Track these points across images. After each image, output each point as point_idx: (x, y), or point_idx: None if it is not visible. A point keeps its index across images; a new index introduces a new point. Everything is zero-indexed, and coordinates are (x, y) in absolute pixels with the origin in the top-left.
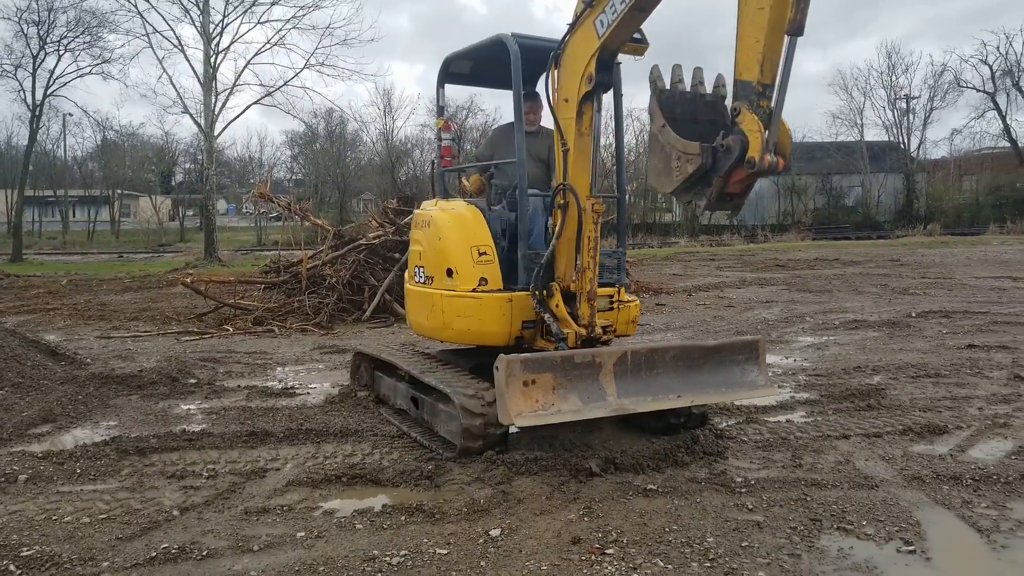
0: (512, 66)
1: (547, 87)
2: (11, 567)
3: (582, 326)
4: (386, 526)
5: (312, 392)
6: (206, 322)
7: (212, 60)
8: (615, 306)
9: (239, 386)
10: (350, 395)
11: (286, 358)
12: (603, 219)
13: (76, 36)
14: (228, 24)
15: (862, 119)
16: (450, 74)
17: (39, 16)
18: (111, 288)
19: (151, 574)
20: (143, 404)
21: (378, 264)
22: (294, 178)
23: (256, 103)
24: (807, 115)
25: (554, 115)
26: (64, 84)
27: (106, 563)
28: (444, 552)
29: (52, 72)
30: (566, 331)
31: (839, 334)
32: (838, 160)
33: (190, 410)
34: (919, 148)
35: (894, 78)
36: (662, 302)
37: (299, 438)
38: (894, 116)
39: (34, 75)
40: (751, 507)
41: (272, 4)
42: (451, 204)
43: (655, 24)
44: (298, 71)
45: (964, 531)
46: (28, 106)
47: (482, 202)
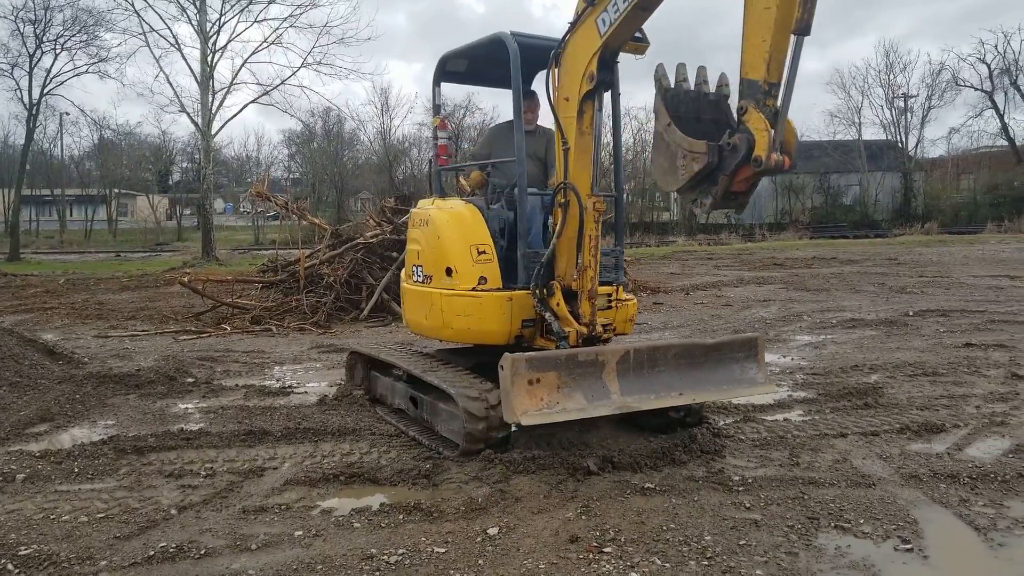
0: (512, 65)
1: (547, 86)
2: (9, 566)
3: (583, 325)
4: (384, 525)
5: (310, 391)
6: (204, 321)
7: (209, 59)
8: (613, 305)
9: (237, 385)
10: (347, 394)
11: (284, 357)
12: (602, 218)
13: (73, 35)
14: (225, 23)
15: (860, 118)
16: (446, 73)
17: (35, 15)
18: (108, 287)
19: (149, 573)
20: (141, 403)
21: (376, 263)
22: (291, 177)
23: (253, 102)
24: (805, 114)
25: (555, 114)
26: (61, 83)
27: (104, 562)
28: (442, 551)
29: (49, 71)
30: (567, 330)
31: (837, 333)
32: (836, 159)
33: (188, 409)
34: (917, 147)
35: (892, 77)
36: (660, 301)
37: (297, 437)
38: (892, 115)
39: (31, 74)
40: (749, 505)
41: (269, 3)
42: (449, 203)
43: (654, 22)
44: (295, 70)
45: (961, 529)
46: (25, 105)
47: (480, 201)
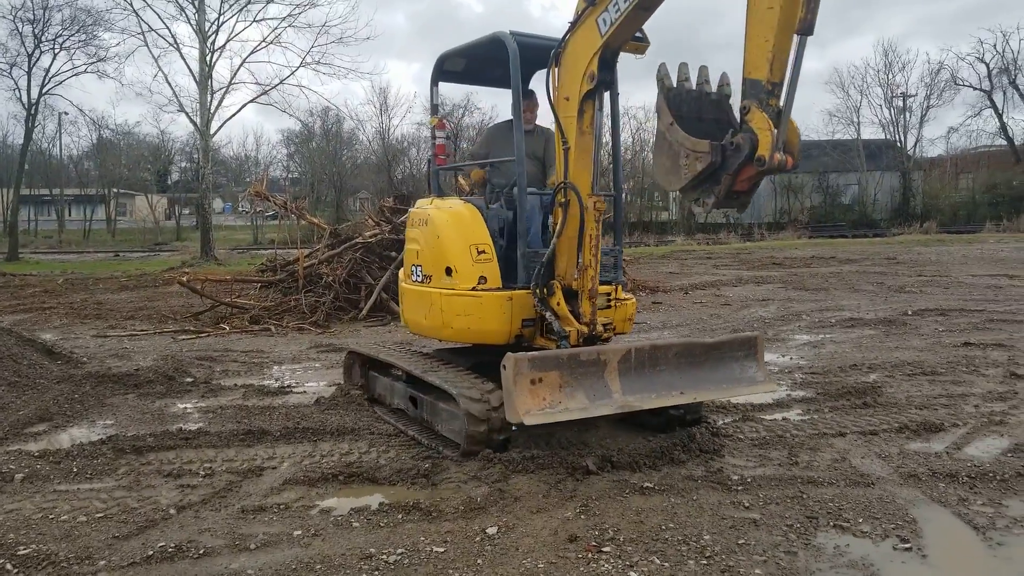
0: (511, 65)
1: (548, 85)
2: (8, 566)
3: (584, 324)
4: (383, 524)
5: (309, 391)
6: (202, 321)
7: (208, 58)
8: (612, 304)
9: (236, 385)
10: (345, 393)
11: (283, 357)
12: (602, 217)
13: (71, 34)
14: (224, 22)
15: (859, 117)
16: (444, 72)
17: (34, 14)
18: (107, 287)
19: (148, 573)
20: (139, 403)
21: (374, 263)
22: (290, 176)
23: (252, 101)
24: (804, 113)
25: (555, 113)
26: (59, 83)
27: (103, 562)
28: (441, 550)
29: (47, 71)
30: (568, 329)
31: (835, 332)
32: (835, 158)
33: (187, 409)
34: (915, 146)
35: (891, 76)
36: (659, 300)
37: (296, 437)
38: (891, 114)
39: (29, 74)
40: (747, 505)
41: (268, 2)
42: (448, 202)
43: (653, 21)
44: (294, 69)
45: (960, 528)
46: (23, 105)
47: (479, 200)
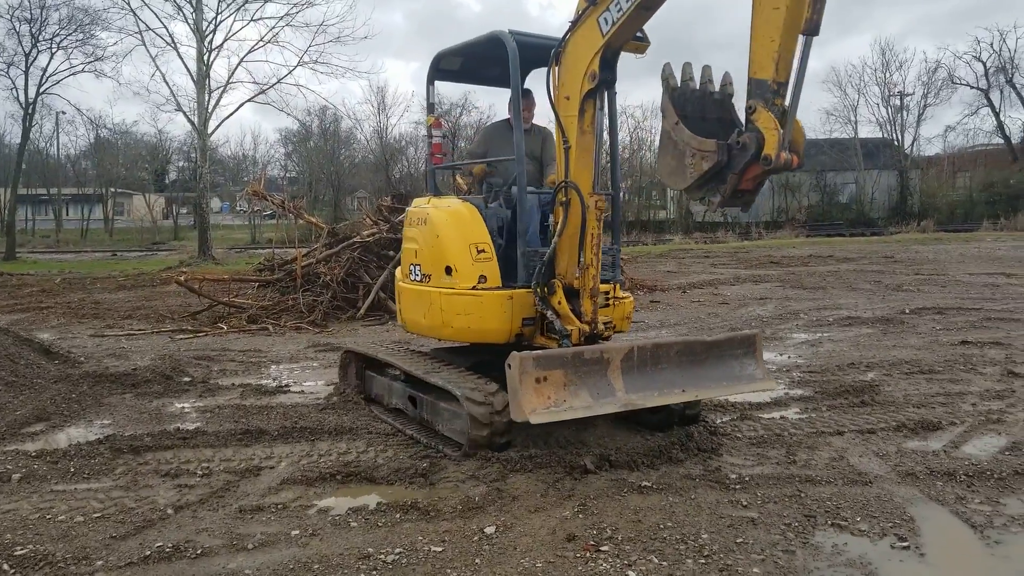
0: (511, 64)
1: (548, 84)
2: (4, 566)
3: (585, 323)
4: (381, 524)
5: (306, 390)
6: (200, 320)
7: (205, 58)
8: (611, 303)
9: (233, 384)
10: (341, 392)
11: (280, 356)
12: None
13: (69, 34)
14: (221, 21)
15: (856, 116)
16: (440, 71)
17: (31, 14)
18: (105, 286)
19: (145, 573)
20: (137, 402)
21: (372, 262)
22: (288, 176)
23: (250, 101)
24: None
25: (555, 112)
26: (57, 82)
27: (100, 562)
28: (439, 550)
29: (45, 70)
30: (570, 328)
31: (833, 331)
32: (832, 157)
33: (184, 408)
34: (913, 145)
35: (888, 75)
36: (657, 299)
37: (293, 436)
38: (888, 113)
39: (27, 73)
40: (745, 503)
41: (265, 2)
42: (446, 201)
43: (652, 20)
44: (292, 69)
45: (958, 527)
46: (21, 104)
47: (478, 199)
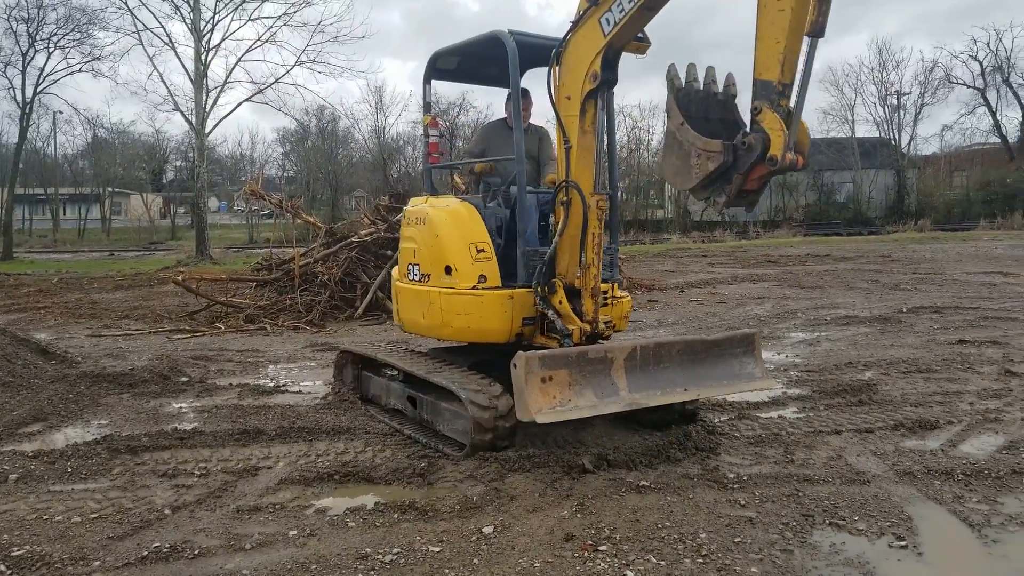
0: (510, 63)
1: (549, 84)
2: (2, 567)
3: (586, 322)
4: (379, 524)
5: (304, 390)
6: (198, 320)
7: (203, 57)
8: (609, 302)
9: (231, 384)
10: (337, 392)
11: (278, 356)
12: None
13: (66, 33)
14: (219, 21)
15: (853, 115)
16: (437, 70)
17: (28, 13)
18: (102, 286)
19: (143, 573)
20: (134, 403)
21: (370, 261)
22: (286, 175)
23: (247, 100)
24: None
25: (556, 112)
26: (54, 82)
27: (97, 562)
28: (437, 550)
29: (42, 70)
30: (571, 327)
31: (830, 330)
32: (829, 156)
33: (182, 408)
34: (910, 144)
35: (885, 74)
36: (654, 298)
37: (291, 436)
38: (885, 112)
39: (24, 73)
40: (743, 503)
41: (263, 1)
42: (444, 201)
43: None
44: (289, 68)
45: (956, 526)
46: (18, 104)
47: (476, 199)
